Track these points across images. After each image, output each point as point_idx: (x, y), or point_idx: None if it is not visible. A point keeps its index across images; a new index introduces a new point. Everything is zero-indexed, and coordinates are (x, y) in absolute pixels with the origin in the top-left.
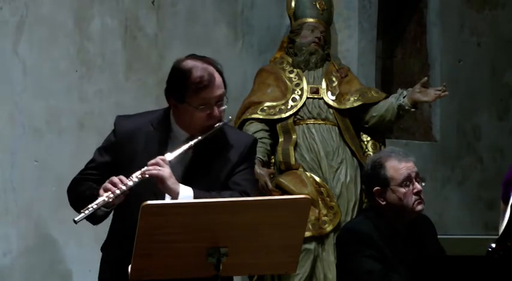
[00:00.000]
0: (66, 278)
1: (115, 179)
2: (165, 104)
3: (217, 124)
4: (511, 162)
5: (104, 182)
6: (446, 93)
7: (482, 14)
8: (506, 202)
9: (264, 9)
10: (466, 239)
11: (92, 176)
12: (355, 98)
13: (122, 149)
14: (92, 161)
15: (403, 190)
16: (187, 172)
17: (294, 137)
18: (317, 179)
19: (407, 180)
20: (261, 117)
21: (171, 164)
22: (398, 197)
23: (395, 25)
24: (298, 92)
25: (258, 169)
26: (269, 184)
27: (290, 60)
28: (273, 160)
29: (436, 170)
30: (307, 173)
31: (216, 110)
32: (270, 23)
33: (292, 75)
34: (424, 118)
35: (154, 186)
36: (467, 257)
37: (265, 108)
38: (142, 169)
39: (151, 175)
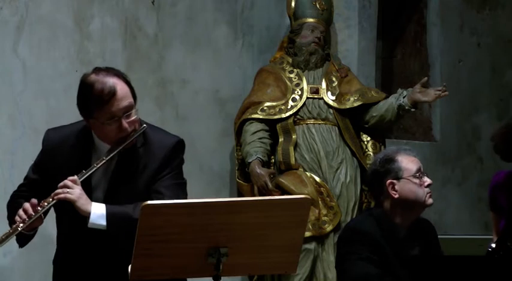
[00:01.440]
0: None
1: (26, 205)
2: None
3: (131, 134)
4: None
5: (35, 198)
6: (446, 93)
7: (482, 14)
8: (496, 210)
9: (264, 9)
10: (466, 239)
11: (24, 193)
12: (355, 98)
13: (47, 166)
14: (25, 178)
15: (416, 180)
16: (111, 183)
17: (294, 137)
18: (317, 179)
19: (420, 172)
20: (261, 117)
21: (95, 176)
22: (412, 189)
23: (395, 25)
24: (298, 92)
25: (258, 169)
26: (269, 184)
27: (290, 60)
28: (273, 160)
29: (436, 170)
30: (307, 173)
31: (124, 123)
32: (270, 23)
33: (292, 75)
34: (424, 118)
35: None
36: (467, 257)
37: (265, 108)
38: (53, 193)
39: (59, 199)
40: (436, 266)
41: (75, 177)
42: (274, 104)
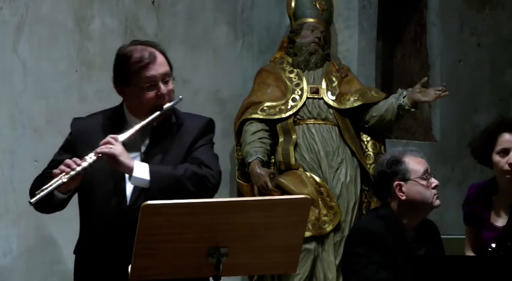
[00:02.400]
0: (66, 278)
1: (68, 161)
2: None
3: (167, 104)
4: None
5: None
6: (446, 93)
7: (482, 14)
8: (472, 224)
9: (264, 9)
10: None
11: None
12: (355, 98)
13: (78, 145)
14: (52, 161)
15: (424, 182)
16: (145, 157)
17: (294, 137)
18: (317, 179)
19: (427, 173)
20: (261, 117)
21: (128, 146)
22: (419, 191)
23: (395, 25)
24: (298, 92)
25: (258, 169)
26: (269, 184)
27: (290, 60)
28: (273, 160)
29: (436, 170)
30: (307, 173)
31: (163, 88)
32: (270, 23)
33: (292, 75)
34: (424, 118)
35: (111, 171)
36: (467, 257)
37: (265, 108)
38: (95, 150)
39: (103, 153)
40: (440, 267)
41: (116, 135)
42: (274, 104)
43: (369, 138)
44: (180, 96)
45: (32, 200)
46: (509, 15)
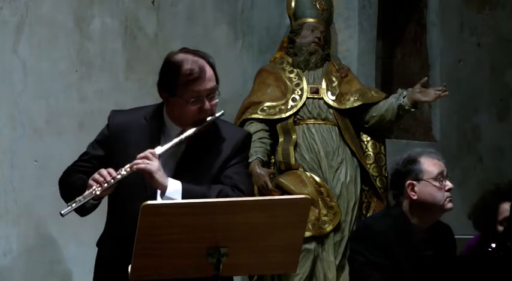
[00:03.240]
0: (66, 278)
1: (103, 171)
2: None
3: (209, 118)
4: (511, 162)
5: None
6: (446, 93)
7: (482, 14)
8: None
9: (264, 9)
10: (466, 239)
11: (84, 168)
12: (355, 98)
13: (114, 142)
14: (85, 153)
15: (437, 183)
16: (179, 166)
17: (294, 137)
18: (317, 179)
19: (441, 175)
20: (261, 117)
21: (163, 157)
22: (430, 192)
23: (395, 25)
24: (298, 92)
25: (258, 169)
26: (269, 184)
27: (290, 60)
28: (273, 160)
29: None
30: (307, 173)
31: (207, 104)
32: (270, 23)
33: (292, 75)
34: (424, 118)
35: (145, 180)
36: (467, 257)
37: (265, 108)
38: (131, 163)
39: (139, 169)
40: (435, 266)
41: (155, 150)
42: (274, 104)
43: (369, 138)
44: (222, 111)
45: (63, 212)
46: (509, 15)
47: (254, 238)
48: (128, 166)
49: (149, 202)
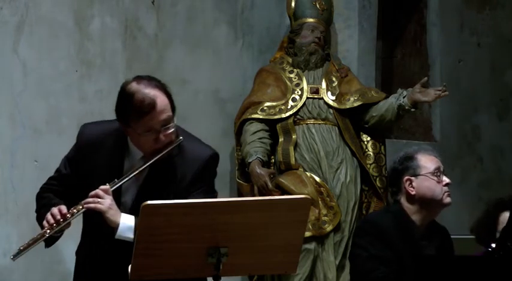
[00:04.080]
0: (66, 278)
1: (54, 210)
2: None
3: (167, 146)
4: (511, 162)
5: (64, 194)
6: (446, 93)
7: (482, 14)
8: None
9: (264, 9)
10: (466, 239)
11: (54, 187)
12: (355, 98)
13: (80, 163)
14: (56, 171)
15: (434, 178)
16: (141, 190)
17: (294, 137)
18: (317, 179)
19: (438, 170)
20: (261, 117)
21: (126, 183)
22: (429, 186)
23: (395, 25)
24: (298, 92)
25: (258, 169)
26: (269, 184)
27: (290, 60)
28: (273, 160)
29: None
30: (307, 173)
31: (161, 136)
32: (270, 23)
33: (292, 75)
34: (424, 118)
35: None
36: (467, 257)
37: (265, 108)
38: (82, 201)
39: (89, 208)
40: (436, 266)
41: (107, 186)
42: (274, 104)
43: (369, 138)
44: (181, 138)
45: (12, 257)
46: (509, 15)
47: (254, 238)
48: (79, 204)
49: (149, 202)
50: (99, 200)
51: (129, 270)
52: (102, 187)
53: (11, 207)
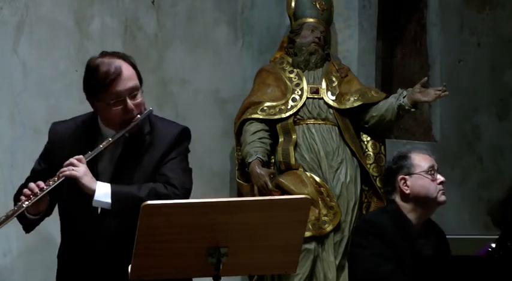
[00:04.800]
0: None
1: (31, 184)
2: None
3: (137, 117)
4: (511, 162)
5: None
6: (446, 93)
7: (482, 14)
8: None
9: (264, 9)
10: (466, 239)
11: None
12: (355, 98)
13: (54, 156)
14: (31, 171)
15: (428, 176)
16: (116, 169)
17: (294, 137)
18: (317, 179)
19: (432, 169)
20: (261, 117)
21: (103, 162)
22: (423, 184)
23: (395, 25)
24: (298, 92)
25: (258, 169)
26: (269, 184)
27: (290, 60)
28: (273, 160)
29: None
30: (307, 173)
31: (129, 103)
32: (270, 23)
33: (292, 75)
34: (424, 118)
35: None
36: (467, 257)
37: (265, 108)
38: (57, 172)
39: (65, 176)
40: (445, 267)
41: (81, 156)
42: (274, 104)
43: (369, 138)
44: (150, 108)
45: None
46: (509, 15)
47: (254, 238)
48: (55, 175)
49: (149, 202)
50: (73, 168)
51: (129, 270)
52: (76, 156)
53: (11, 207)
